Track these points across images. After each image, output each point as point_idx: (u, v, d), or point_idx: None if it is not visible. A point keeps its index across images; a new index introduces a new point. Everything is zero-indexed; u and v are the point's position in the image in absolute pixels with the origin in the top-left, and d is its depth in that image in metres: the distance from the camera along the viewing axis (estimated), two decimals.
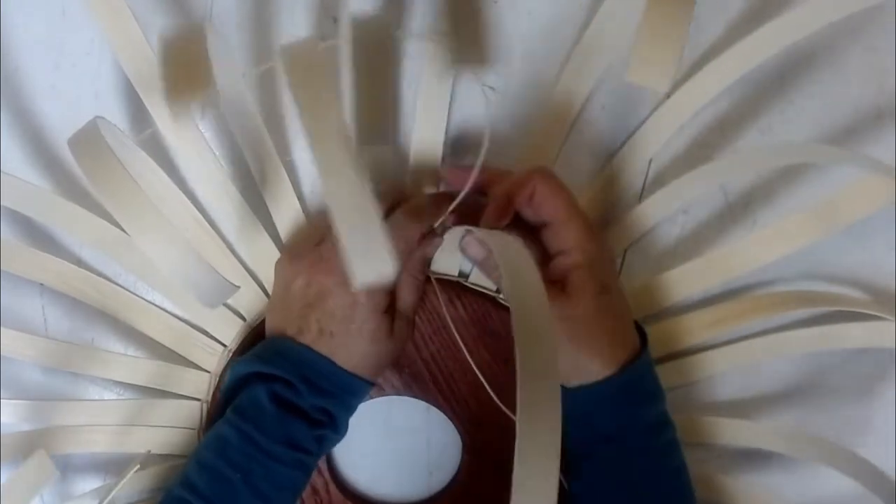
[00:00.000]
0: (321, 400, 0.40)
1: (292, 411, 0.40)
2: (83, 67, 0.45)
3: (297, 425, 0.40)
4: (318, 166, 0.29)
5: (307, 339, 0.40)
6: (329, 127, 0.29)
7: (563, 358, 0.40)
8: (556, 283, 0.40)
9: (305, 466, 0.41)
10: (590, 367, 0.39)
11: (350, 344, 0.40)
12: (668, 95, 0.44)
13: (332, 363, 0.40)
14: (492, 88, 0.45)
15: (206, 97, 0.30)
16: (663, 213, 0.45)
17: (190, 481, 0.39)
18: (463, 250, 0.42)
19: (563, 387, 0.39)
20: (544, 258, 0.41)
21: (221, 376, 0.46)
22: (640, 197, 0.46)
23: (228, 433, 0.40)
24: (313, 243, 0.42)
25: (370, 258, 0.29)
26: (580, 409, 0.40)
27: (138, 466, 0.45)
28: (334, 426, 0.41)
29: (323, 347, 0.40)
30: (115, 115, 0.46)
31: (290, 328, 0.41)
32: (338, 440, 0.42)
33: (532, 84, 0.45)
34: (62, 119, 0.46)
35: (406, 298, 0.42)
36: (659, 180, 0.46)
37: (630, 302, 0.46)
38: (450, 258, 0.46)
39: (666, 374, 0.46)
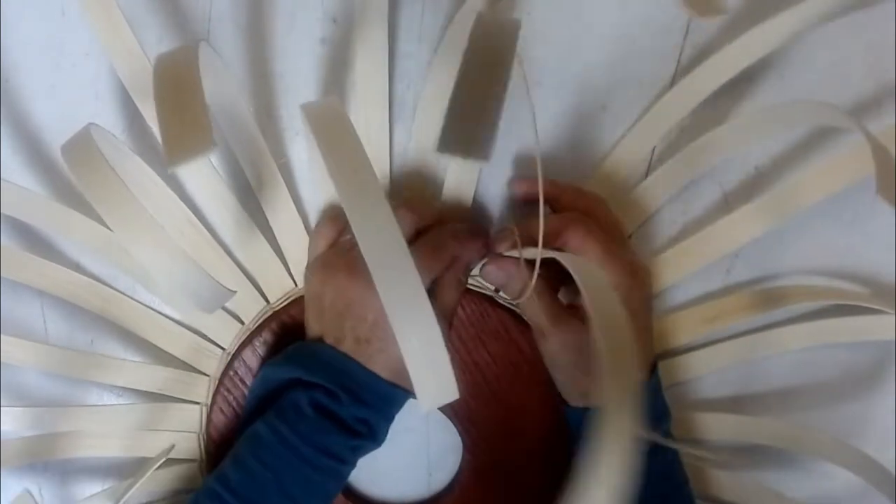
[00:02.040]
0: (361, 411, 0.40)
1: (332, 420, 0.40)
2: (83, 67, 0.45)
3: (334, 434, 0.40)
4: (380, 289, 0.29)
5: (346, 347, 0.40)
6: (391, 241, 0.30)
7: (570, 382, 0.43)
8: (576, 310, 0.42)
9: (338, 475, 0.42)
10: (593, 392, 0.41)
11: (385, 348, 0.40)
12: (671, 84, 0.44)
13: (373, 374, 0.40)
14: None
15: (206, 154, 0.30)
16: (665, 192, 0.45)
17: (224, 475, 0.40)
18: (485, 276, 0.43)
19: (569, 406, 0.43)
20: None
21: (221, 379, 0.46)
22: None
23: (265, 433, 0.40)
24: (338, 244, 0.42)
25: (435, 383, 0.31)
26: (584, 430, 0.41)
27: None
28: (373, 436, 0.41)
29: (361, 356, 0.40)
30: (115, 115, 0.45)
31: (328, 337, 0.41)
32: (375, 448, 0.42)
33: (531, 84, 0.44)
34: (62, 119, 0.46)
35: (446, 298, 0.42)
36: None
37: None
38: None
39: (666, 371, 0.47)
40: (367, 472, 0.50)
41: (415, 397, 0.40)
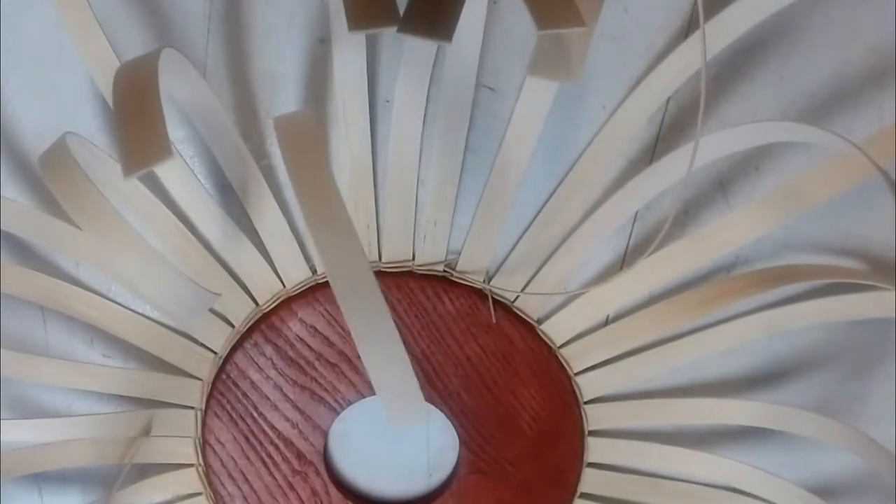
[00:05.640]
0: None
1: None
2: (83, 67, 0.45)
3: None
4: (342, 303, 0.29)
5: None
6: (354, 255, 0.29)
7: None
8: None
9: None
10: None
11: None
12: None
13: None
14: (491, 89, 0.44)
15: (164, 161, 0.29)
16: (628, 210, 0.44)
17: None
18: None
19: None
20: None
21: (214, 383, 0.46)
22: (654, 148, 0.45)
23: None
24: None
25: (404, 403, 0.30)
26: None
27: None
28: None
29: None
30: None
31: None
32: None
33: None
34: (62, 119, 0.45)
35: None
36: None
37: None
38: (433, 252, 0.46)
39: (663, 356, 0.46)
40: (367, 472, 0.50)
41: None
